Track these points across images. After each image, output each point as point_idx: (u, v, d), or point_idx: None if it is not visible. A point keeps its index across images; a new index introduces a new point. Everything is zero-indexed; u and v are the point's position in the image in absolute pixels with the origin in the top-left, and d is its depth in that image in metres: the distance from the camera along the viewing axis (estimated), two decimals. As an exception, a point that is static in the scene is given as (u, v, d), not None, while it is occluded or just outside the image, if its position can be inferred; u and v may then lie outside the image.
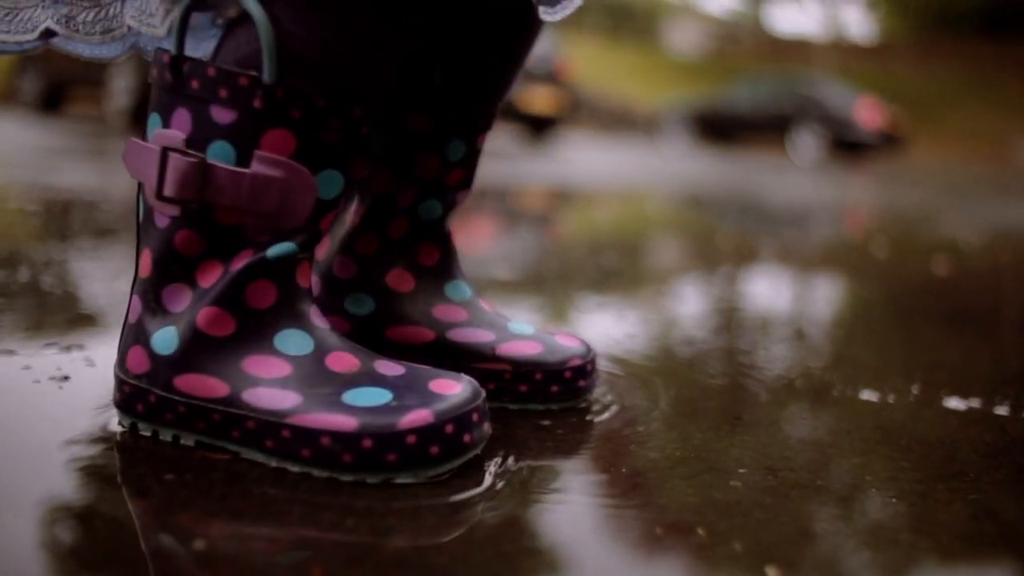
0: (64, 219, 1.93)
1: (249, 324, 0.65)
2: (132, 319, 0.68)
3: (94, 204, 2.20)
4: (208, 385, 0.64)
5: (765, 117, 13.15)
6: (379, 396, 0.63)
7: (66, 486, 0.60)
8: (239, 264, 0.65)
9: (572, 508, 0.61)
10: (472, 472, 0.66)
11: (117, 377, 0.68)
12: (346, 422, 0.61)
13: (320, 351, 0.66)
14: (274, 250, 0.65)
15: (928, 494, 0.68)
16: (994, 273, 2.11)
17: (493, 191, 3.39)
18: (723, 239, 2.49)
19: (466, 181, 0.85)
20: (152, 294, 0.66)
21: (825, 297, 1.68)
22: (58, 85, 7.28)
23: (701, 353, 1.12)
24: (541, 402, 0.81)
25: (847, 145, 12.33)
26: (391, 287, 0.84)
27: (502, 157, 5.88)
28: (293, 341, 0.66)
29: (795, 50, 22.29)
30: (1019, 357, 1.20)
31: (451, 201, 0.85)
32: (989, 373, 1.09)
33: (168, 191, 0.62)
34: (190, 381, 0.65)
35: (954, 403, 0.92)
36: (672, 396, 0.89)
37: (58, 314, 1.09)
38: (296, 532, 0.55)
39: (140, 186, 0.67)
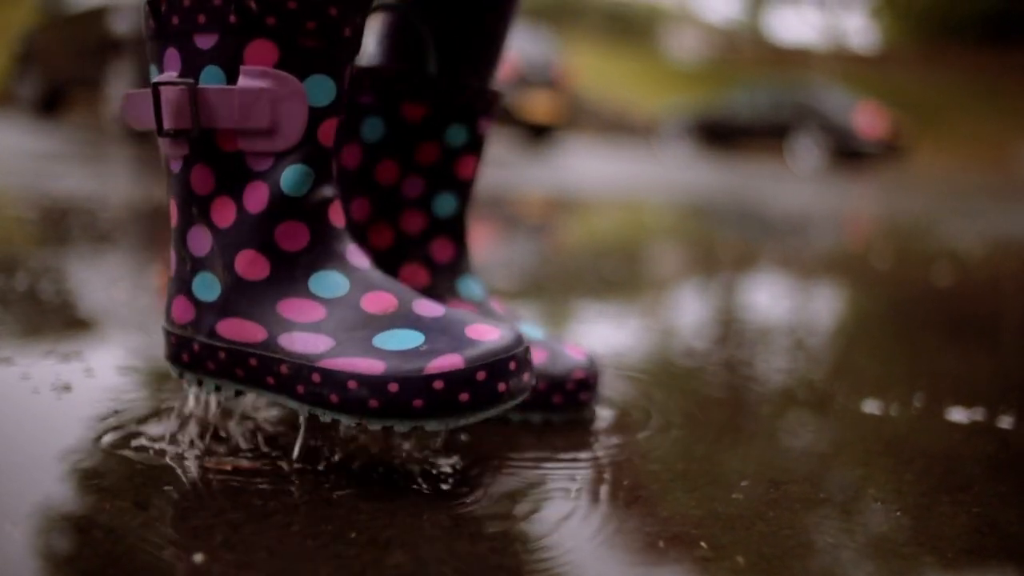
0: (61, 226, 1.93)
1: (283, 267, 0.65)
2: (172, 271, 0.69)
3: (92, 210, 2.20)
4: (247, 330, 0.65)
5: (765, 125, 13.16)
6: (410, 339, 0.62)
7: (64, 497, 0.59)
8: (252, 200, 0.64)
9: (574, 521, 0.61)
10: (473, 485, 0.65)
11: (164, 330, 0.70)
12: (373, 365, 0.60)
13: (356, 292, 0.65)
14: (287, 180, 0.64)
15: (931, 507, 0.67)
16: (996, 283, 2.11)
17: (492, 198, 3.39)
18: (723, 247, 2.49)
19: (475, 175, 0.85)
20: (180, 242, 0.67)
21: (826, 307, 1.68)
22: (55, 90, 7.28)
23: (702, 364, 1.12)
24: (542, 412, 0.81)
25: (848, 154, 12.34)
26: (406, 281, 0.84)
27: (501, 164, 5.88)
28: (328, 283, 0.65)
29: (795, 58, 22.33)
30: (1022, 368, 1.19)
31: (465, 195, 0.85)
32: (992, 384, 1.09)
33: (166, 123, 0.63)
34: (231, 326, 0.65)
35: (957, 415, 0.92)
36: (673, 407, 0.89)
37: (56, 322, 1.09)
38: (296, 545, 0.54)
39: (164, 154, 0.68)
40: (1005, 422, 0.90)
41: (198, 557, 0.52)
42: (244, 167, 0.64)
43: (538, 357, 0.81)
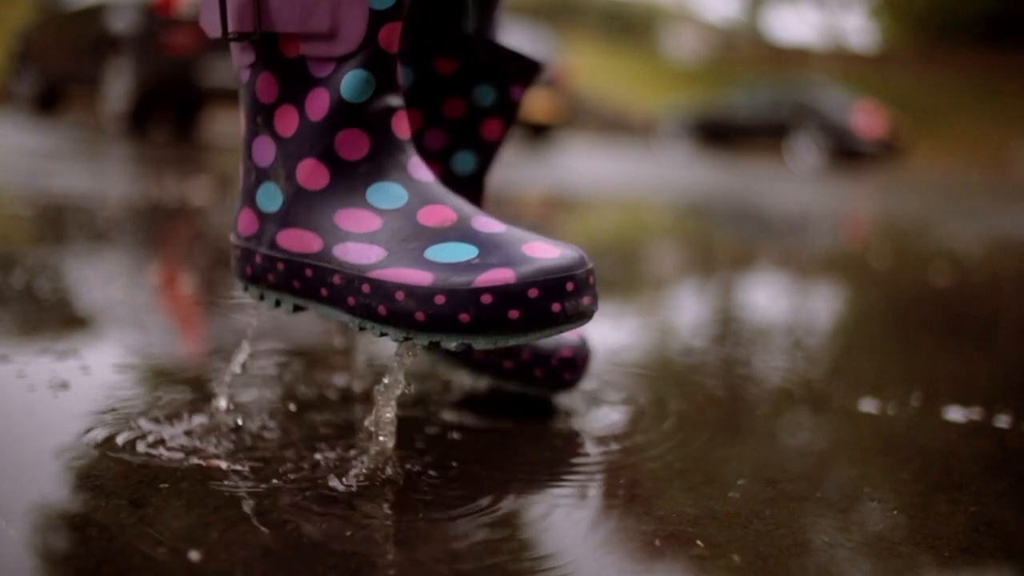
0: (59, 224, 1.92)
1: (342, 176, 0.64)
2: (241, 184, 0.69)
3: (89, 208, 2.19)
4: (305, 240, 0.64)
5: (763, 124, 13.17)
6: (463, 252, 0.60)
7: (60, 495, 0.59)
8: (313, 107, 0.64)
9: (571, 520, 0.61)
10: (470, 485, 0.65)
11: (232, 244, 0.70)
12: (422, 277, 0.59)
13: (414, 204, 0.64)
14: (347, 86, 0.63)
15: (928, 506, 0.67)
16: (994, 283, 2.11)
17: (490, 197, 3.39)
18: (721, 247, 2.49)
19: (503, 138, 0.85)
20: (247, 153, 0.68)
21: (824, 306, 1.68)
22: (53, 88, 7.27)
23: (699, 363, 1.12)
24: (522, 384, 0.81)
25: (846, 153, 12.34)
26: None
27: (499, 163, 5.88)
28: (386, 194, 0.64)
29: (794, 58, 22.33)
30: (1019, 368, 1.19)
31: (487, 156, 0.85)
32: (989, 384, 1.09)
33: (230, 26, 0.63)
34: (290, 236, 0.65)
35: (954, 414, 0.92)
36: (670, 406, 0.89)
37: (53, 319, 1.08)
38: (292, 543, 0.54)
39: (234, 64, 0.68)
40: (1002, 421, 0.90)
41: (193, 555, 0.52)
42: (306, 73, 0.64)
43: None
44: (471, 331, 0.58)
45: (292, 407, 0.80)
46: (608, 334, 1.21)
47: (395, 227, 0.63)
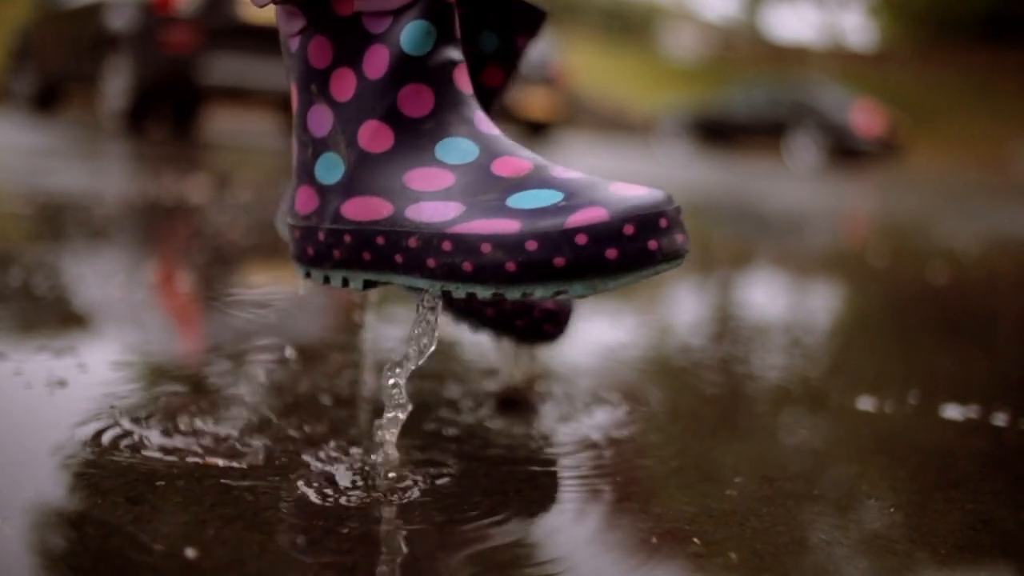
0: (56, 221, 1.92)
1: (407, 135, 0.62)
2: (294, 163, 0.66)
3: (87, 207, 2.19)
4: (372, 206, 0.61)
5: (762, 123, 13.17)
6: (548, 197, 0.57)
7: (57, 492, 0.59)
8: (372, 65, 0.61)
9: (567, 518, 0.61)
10: (465, 482, 0.65)
11: (290, 226, 0.66)
12: (508, 225, 0.56)
13: (486, 156, 0.61)
14: (407, 38, 0.60)
15: (925, 503, 0.67)
16: (992, 281, 2.11)
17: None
18: (720, 245, 2.49)
19: (504, 86, 0.85)
20: (301, 126, 0.64)
21: (822, 305, 1.68)
22: (51, 85, 7.27)
23: (697, 361, 1.12)
24: (501, 333, 0.81)
25: (845, 152, 12.34)
26: None
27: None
28: (456, 149, 0.61)
29: (793, 56, 22.33)
30: (1017, 366, 1.20)
31: (486, 103, 0.84)
32: (987, 382, 1.09)
33: None
34: (356, 205, 0.62)
35: (951, 412, 0.92)
36: (668, 404, 0.89)
37: (50, 317, 1.08)
38: (288, 541, 0.54)
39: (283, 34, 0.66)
40: (999, 419, 0.90)
41: (190, 552, 0.52)
42: (362, 30, 0.61)
43: None
44: (567, 276, 0.55)
45: (292, 405, 0.80)
46: (606, 332, 1.21)
47: (469, 181, 0.60)
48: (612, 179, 0.59)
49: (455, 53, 0.63)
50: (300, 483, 0.63)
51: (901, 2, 23.86)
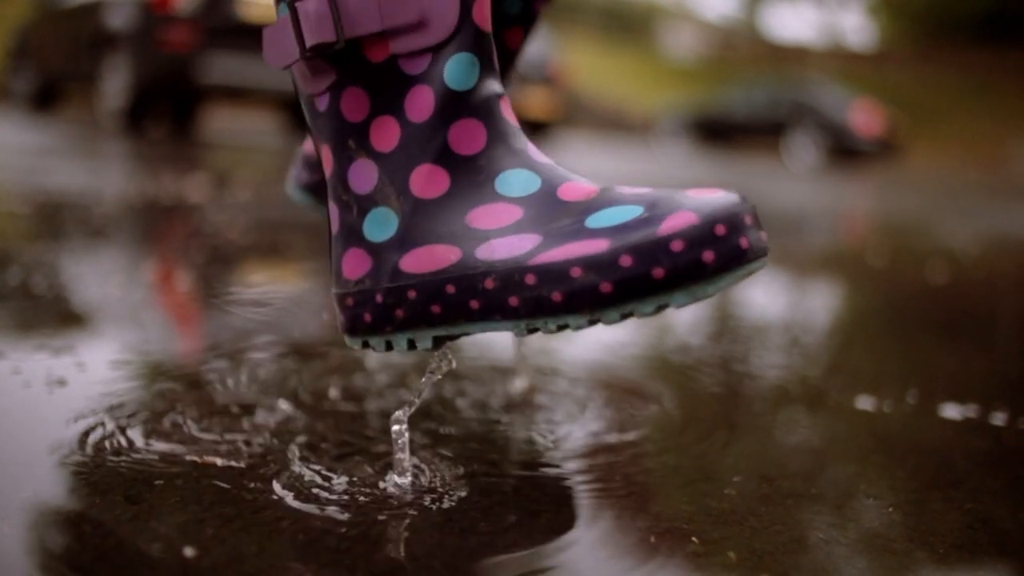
0: (55, 220, 1.92)
1: (464, 174, 0.59)
2: (335, 228, 0.62)
3: (86, 206, 2.19)
4: (437, 255, 0.58)
5: (761, 122, 13.18)
6: (628, 212, 0.54)
7: (55, 491, 0.59)
8: (416, 108, 0.59)
9: (565, 516, 0.61)
10: (466, 482, 0.65)
11: (338, 296, 0.62)
12: (596, 245, 0.53)
13: (550, 185, 0.58)
14: (451, 74, 0.58)
15: (923, 503, 0.67)
16: (991, 281, 2.11)
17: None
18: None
19: (521, 49, 0.85)
20: (341, 187, 0.61)
21: (821, 304, 1.68)
22: (50, 85, 7.27)
23: (696, 360, 1.12)
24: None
25: (844, 152, 12.35)
26: None
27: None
28: (517, 181, 0.59)
29: (792, 56, 22.34)
30: (1015, 366, 1.20)
31: (508, 65, 0.85)
32: (985, 382, 1.09)
33: (308, 39, 0.57)
34: (418, 257, 0.58)
35: (950, 412, 0.92)
36: (666, 403, 0.89)
37: (49, 316, 1.08)
38: (286, 540, 0.54)
39: (298, 90, 0.63)
40: (998, 419, 0.90)
41: (188, 551, 0.52)
42: (400, 74, 0.59)
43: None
44: (668, 287, 0.52)
45: (291, 404, 0.80)
46: (604, 331, 1.21)
47: (539, 211, 0.57)
48: (684, 190, 0.57)
49: (498, 85, 0.61)
50: (299, 482, 0.63)
51: (900, 2, 23.87)
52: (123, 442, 0.68)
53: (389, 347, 0.61)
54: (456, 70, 0.58)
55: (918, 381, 1.06)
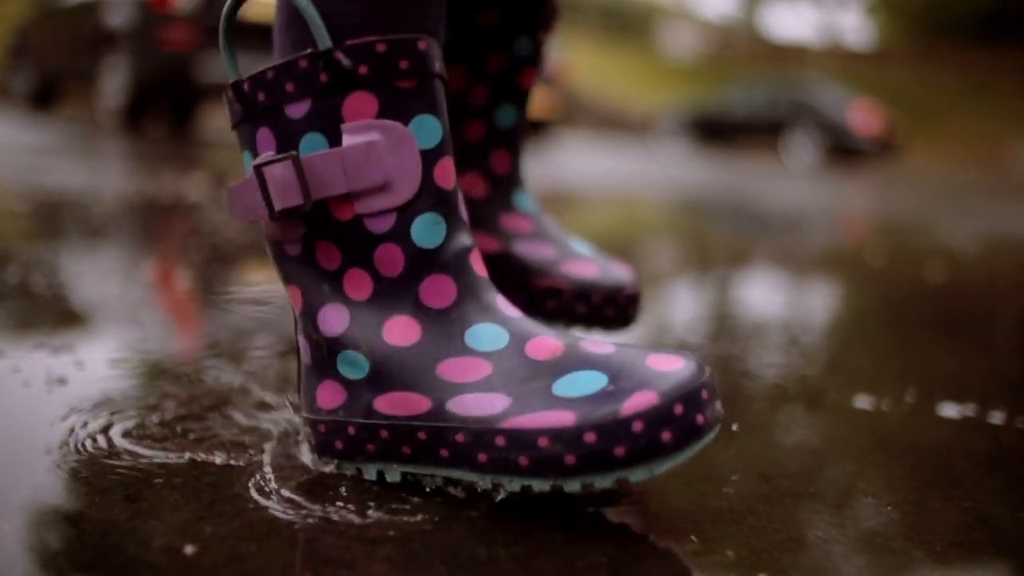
0: (54, 219, 1.92)
1: (434, 327, 0.61)
2: (307, 360, 0.65)
3: (85, 205, 2.19)
4: (410, 401, 0.60)
5: (760, 122, 13.19)
6: (594, 381, 0.57)
7: (55, 490, 0.59)
8: (386, 264, 0.61)
9: (564, 516, 0.61)
10: (465, 482, 0.65)
11: (309, 420, 0.65)
12: (563, 417, 0.55)
13: (517, 341, 0.60)
14: (418, 233, 0.61)
15: (922, 502, 0.67)
16: (989, 280, 2.11)
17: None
18: (717, 244, 2.49)
19: (535, 83, 0.87)
20: (312, 327, 0.63)
21: (820, 303, 1.68)
22: (49, 83, 7.27)
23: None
24: (597, 325, 0.83)
25: (843, 151, 12.36)
26: (464, 191, 0.85)
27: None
28: (486, 336, 0.61)
29: (791, 55, 22.35)
30: (1014, 365, 1.20)
31: (524, 106, 0.86)
32: (984, 381, 1.09)
33: (277, 204, 0.60)
34: (391, 400, 0.60)
35: (949, 411, 0.92)
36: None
37: (48, 315, 1.08)
38: (286, 538, 0.54)
39: (265, 235, 0.65)
40: (996, 418, 0.90)
41: (188, 549, 0.52)
42: (366, 232, 0.61)
43: (590, 270, 0.83)
44: (627, 464, 0.54)
45: (291, 403, 0.80)
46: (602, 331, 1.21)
47: (508, 369, 0.59)
48: (643, 347, 0.60)
49: (466, 238, 0.63)
50: (299, 481, 0.63)
51: (899, 2, 23.89)
52: (122, 441, 0.68)
53: (359, 472, 0.64)
54: (423, 230, 0.61)
55: (916, 380, 1.06)
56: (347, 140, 0.59)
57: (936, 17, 22.15)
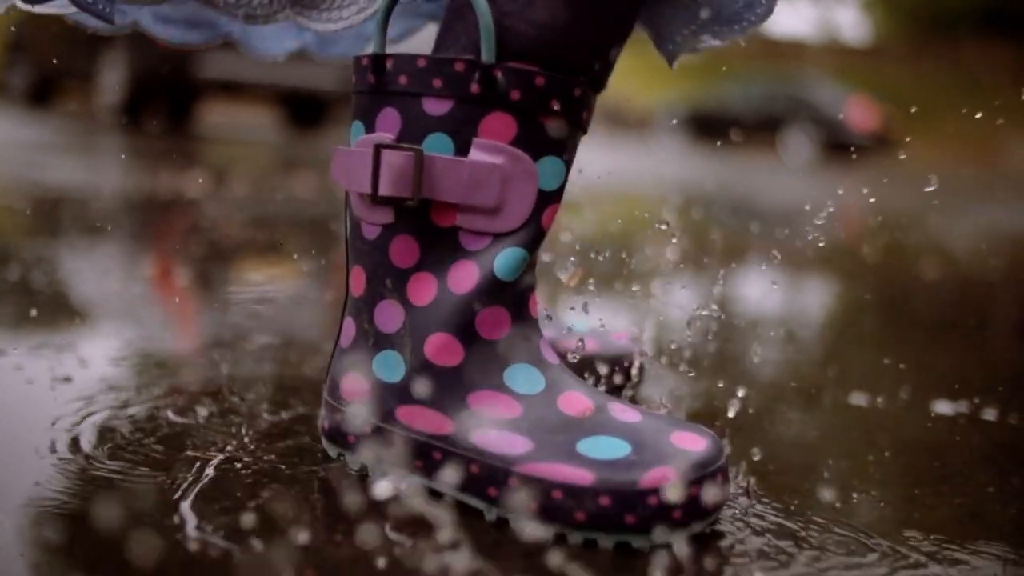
0: (54, 216, 1.93)
1: (477, 355, 0.61)
2: (345, 343, 0.65)
3: (84, 201, 2.20)
4: (433, 419, 0.60)
5: (758, 118, 13.19)
6: (617, 448, 0.58)
7: (56, 486, 0.60)
8: (458, 280, 0.61)
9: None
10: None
11: (328, 403, 0.65)
12: (581, 475, 0.56)
13: (552, 390, 0.61)
14: (502, 264, 0.60)
15: (915, 498, 0.68)
16: (984, 277, 2.12)
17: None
18: (714, 240, 2.50)
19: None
20: (366, 314, 0.63)
21: (815, 300, 1.69)
22: (48, 79, 7.25)
23: (690, 356, 1.13)
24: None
25: (839, 146, 12.37)
26: None
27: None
28: (524, 377, 0.61)
29: (788, 51, 22.33)
30: (1007, 361, 1.21)
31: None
32: (977, 378, 1.10)
33: (384, 189, 0.58)
34: (414, 414, 0.61)
35: (942, 407, 0.93)
36: (660, 399, 0.90)
37: (49, 313, 1.09)
38: (289, 533, 0.55)
39: (347, 201, 0.64)
40: (989, 415, 0.91)
41: (191, 546, 0.53)
42: (456, 244, 0.60)
43: (589, 346, 0.85)
44: (634, 531, 0.56)
45: (291, 400, 0.81)
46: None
47: (538, 415, 0.59)
48: (669, 419, 0.61)
49: (532, 278, 0.63)
50: (298, 476, 0.64)
51: (896, -3, 23.88)
52: (124, 438, 0.68)
53: (363, 468, 0.64)
54: (508, 262, 0.60)
55: (911, 377, 1.07)
56: (475, 154, 0.59)
57: (932, 13, 22.16)
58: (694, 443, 0.58)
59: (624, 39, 0.65)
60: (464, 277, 0.60)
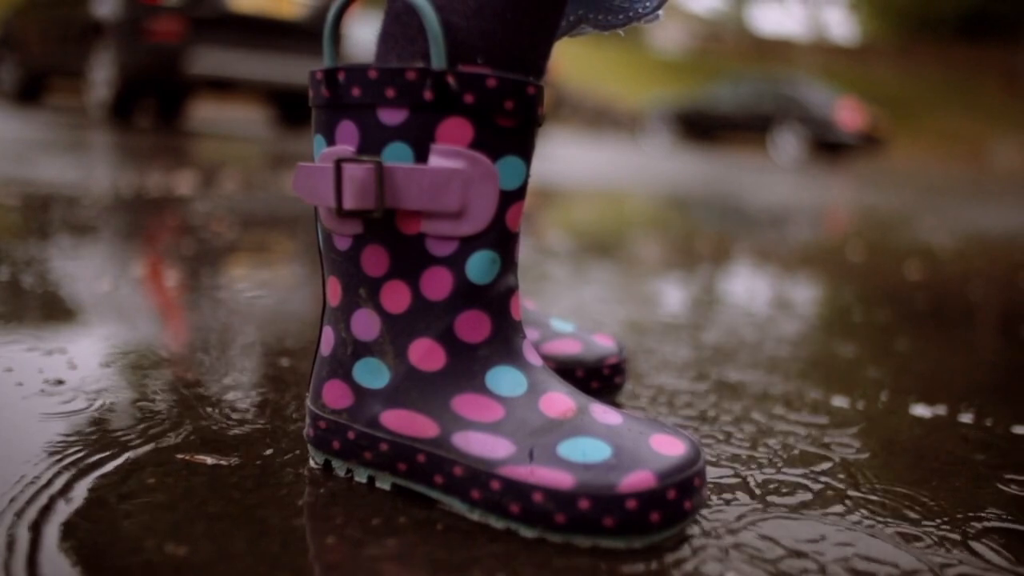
0: (43, 215, 1.93)
1: (460, 359, 0.62)
2: (326, 351, 0.66)
3: (74, 199, 2.19)
4: (417, 423, 0.61)
5: (747, 117, 13.23)
6: (598, 450, 0.59)
7: (47, 489, 0.61)
8: (431, 286, 0.61)
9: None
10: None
11: (311, 412, 0.66)
12: (561, 478, 0.57)
13: (534, 392, 0.62)
14: (473, 267, 0.61)
15: (891, 499, 0.69)
16: (967, 278, 2.14)
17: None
18: (702, 240, 2.51)
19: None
20: (343, 324, 0.64)
21: (800, 300, 1.70)
22: (37, 76, 7.22)
23: (676, 356, 1.14)
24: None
25: (828, 145, 12.42)
26: None
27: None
28: (506, 380, 0.62)
29: (777, 50, 22.38)
30: (987, 365, 1.22)
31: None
32: (956, 381, 1.12)
33: (348, 203, 0.59)
34: (399, 418, 0.62)
35: (920, 410, 0.95)
36: (645, 400, 0.91)
37: (39, 313, 1.09)
38: (275, 537, 0.56)
39: (316, 213, 0.65)
40: (966, 418, 0.93)
41: (180, 549, 0.53)
42: (424, 251, 0.61)
43: (574, 348, 0.86)
44: (611, 533, 0.57)
45: (283, 401, 0.81)
46: (591, 327, 1.23)
47: (520, 417, 0.61)
48: (649, 421, 0.63)
49: (513, 280, 0.64)
50: (288, 480, 0.65)
51: (882, -2, 23.95)
52: (115, 440, 0.69)
53: (348, 473, 0.65)
54: (479, 265, 0.61)
55: (891, 379, 1.08)
56: (434, 160, 0.59)
57: (919, 13, 22.22)
58: (673, 447, 0.60)
59: (559, 25, 0.66)
60: (437, 283, 0.61)
